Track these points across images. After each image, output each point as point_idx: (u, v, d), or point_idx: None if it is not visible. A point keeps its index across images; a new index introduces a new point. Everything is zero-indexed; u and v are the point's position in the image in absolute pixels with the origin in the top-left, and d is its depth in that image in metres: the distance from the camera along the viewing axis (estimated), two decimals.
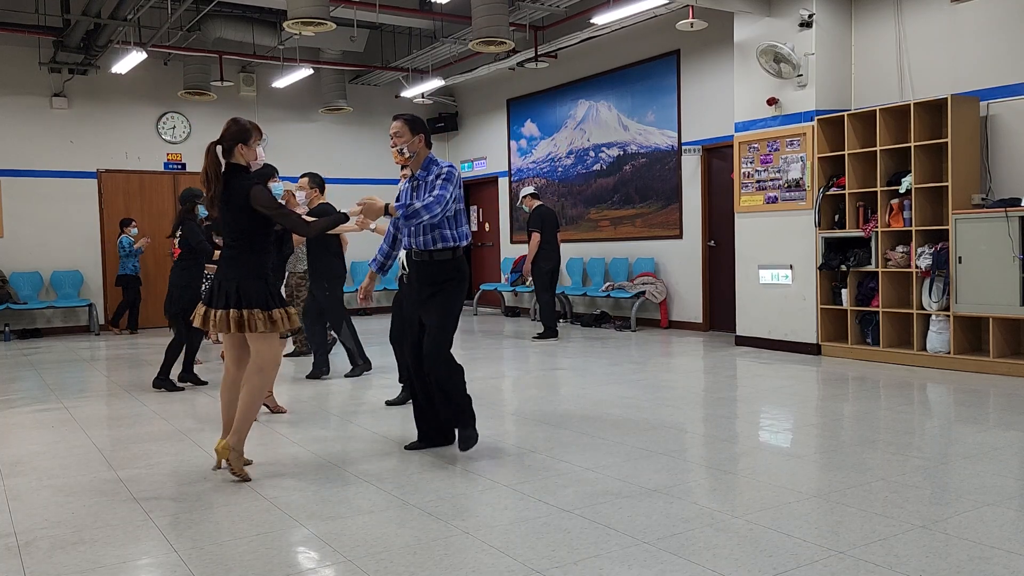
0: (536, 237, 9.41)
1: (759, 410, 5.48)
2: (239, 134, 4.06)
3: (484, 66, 11.77)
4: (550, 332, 9.58)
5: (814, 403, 5.71)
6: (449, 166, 4.37)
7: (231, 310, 3.99)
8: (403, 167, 5.65)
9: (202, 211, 6.71)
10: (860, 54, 7.93)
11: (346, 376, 7.04)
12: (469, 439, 4.34)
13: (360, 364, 7.11)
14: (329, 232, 5.54)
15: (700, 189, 9.94)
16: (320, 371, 7.02)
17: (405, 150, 4.34)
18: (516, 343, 9.43)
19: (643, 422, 5.11)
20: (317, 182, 6.81)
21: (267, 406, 5.55)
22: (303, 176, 6.85)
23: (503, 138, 13.35)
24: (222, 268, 4.10)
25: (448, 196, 4.23)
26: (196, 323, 4.10)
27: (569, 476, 3.96)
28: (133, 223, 11.27)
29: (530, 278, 9.82)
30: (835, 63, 7.88)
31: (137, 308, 11.38)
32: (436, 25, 11.58)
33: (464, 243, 4.42)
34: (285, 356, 8.20)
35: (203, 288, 6.82)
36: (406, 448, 4.54)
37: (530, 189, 9.89)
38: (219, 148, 4.04)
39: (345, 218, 4.20)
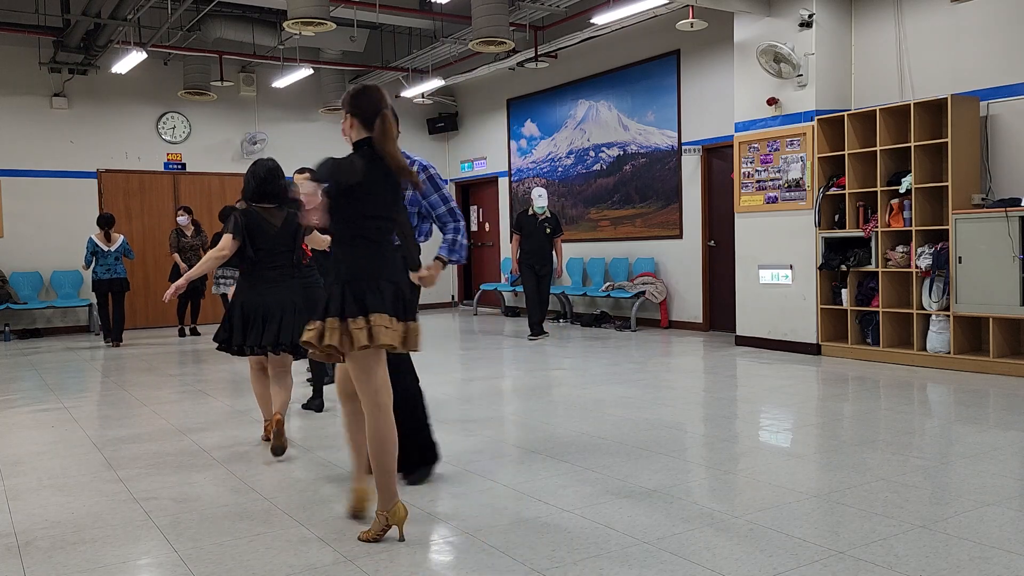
0: (560, 240, 9.87)
1: (759, 410, 5.48)
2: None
3: (484, 66, 11.77)
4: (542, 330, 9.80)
5: (814, 403, 5.71)
6: (428, 164, 3.92)
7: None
8: None
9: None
10: (860, 54, 7.93)
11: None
12: (417, 477, 3.89)
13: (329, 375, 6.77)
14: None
15: (700, 189, 9.94)
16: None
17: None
18: (516, 343, 9.43)
19: (643, 422, 5.11)
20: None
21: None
22: (302, 171, 6.27)
23: (503, 138, 13.35)
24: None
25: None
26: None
27: (569, 476, 3.96)
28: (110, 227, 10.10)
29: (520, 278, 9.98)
30: (835, 63, 7.88)
31: (120, 316, 10.11)
32: (436, 25, 11.58)
33: (424, 240, 3.97)
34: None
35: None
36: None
37: (543, 189, 10.01)
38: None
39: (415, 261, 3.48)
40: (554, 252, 9.76)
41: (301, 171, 5.99)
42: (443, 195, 3.89)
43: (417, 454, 3.94)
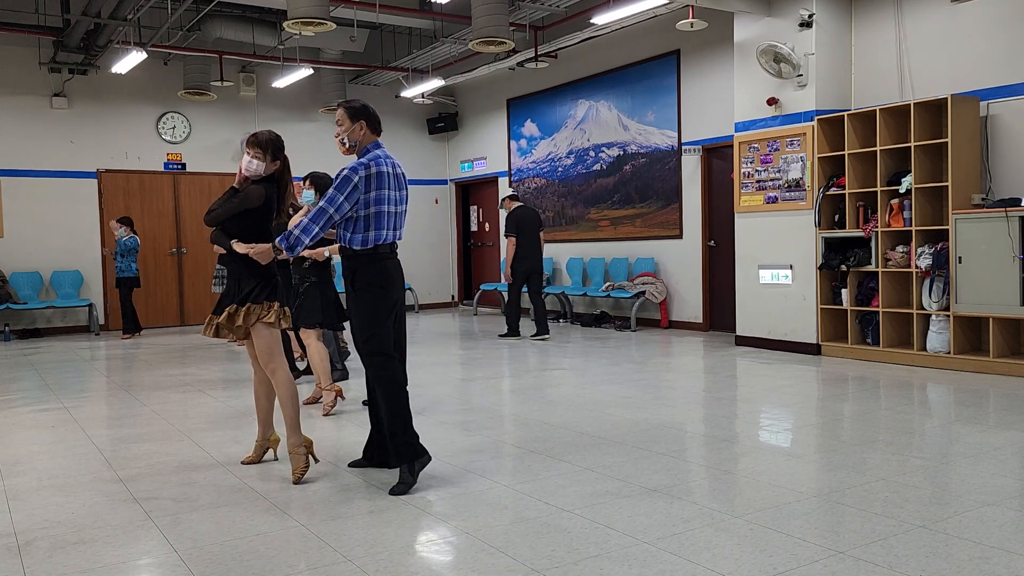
0: (512, 241, 9.47)
1: (759, 410, 5.48)
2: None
3: (484, 66, 11.77)
4: (512, 332, 9.66)
5: (814, 403, 5.71)
6: (353, 166, 3.86)
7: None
8: None
9: (307, 197, 6.16)
10: (860, 54, 7.93)
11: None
12: (400, 485, 3.83)
13: (339, 370, 6.79)
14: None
15: (700, 189, 9.94)
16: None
17: (346, 140, 4.02)
18: (516, 343, 9.43)
19: (643, 422, 5.11)
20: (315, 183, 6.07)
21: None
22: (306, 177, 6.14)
23: (503, 138, 13.35)
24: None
25: (331, 209, 3.78)
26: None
27: (569, 476, 3.96)
28: (120, 225, 10.76)
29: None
30: (835, 63, 7.88)
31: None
32: (436, 25, 11.58)
33: (360, 247, 3.88)
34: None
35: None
36: (349, 465, 4.28)
37: (509, 191, 9.86)
38: None
39: (228, 246, 4.07)
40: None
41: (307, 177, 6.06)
42: (326, 193, 3.88)
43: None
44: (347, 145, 4.05)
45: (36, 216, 11.40)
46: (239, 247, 4.04)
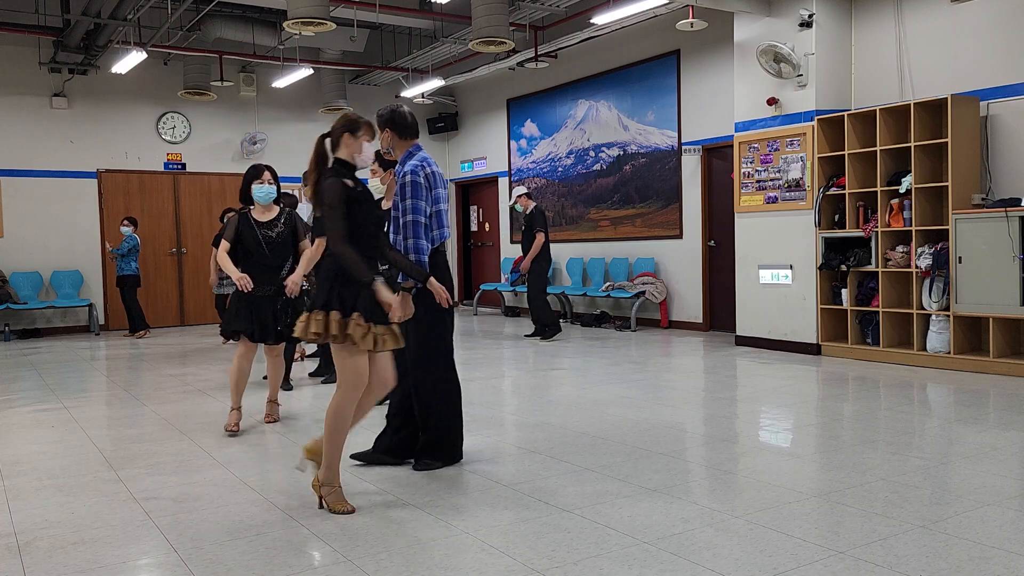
0: (541, 237, 9.35)
1: (759, 410, 5.48)
2: (347, 124, 3.69)
3: (484, 66, 11.77)
4: (555, 328, 9.46)
5: (814, 403, 5.71)
6: (412, 169, 3.89)
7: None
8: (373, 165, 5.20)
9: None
10: (860, 54, 7.94)
11: (323, 382, 6.87)
12: (427, 466, 4.08)
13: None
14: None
15: (700, 189, 9.94)
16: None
17: (382, 149, 4.11)
18: (516, 343, 9.42)
19: (643, 422, 5.11)
20: None
21: None
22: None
23: (503, 138, 13.35)
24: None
25: (422, 217, 3.81)
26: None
27: (569, 476, 3.96)
28: (125, 222, 10.94)
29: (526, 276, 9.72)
30: (835, 63, 7.89)
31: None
32: (436, 25, 11.58)
33: (434, 245, 3.97)
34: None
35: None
36: (351, 456, 4.25)
37: (523, 189, 9.78)
38: (327, 140, 3.67)
39: (370, 282, 3.48)
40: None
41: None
42: (404, 205, 3.84)
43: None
44: (386, 153, 4.11)
45: (36, 216, 11.40)
46: (395, 313, 3.55)
